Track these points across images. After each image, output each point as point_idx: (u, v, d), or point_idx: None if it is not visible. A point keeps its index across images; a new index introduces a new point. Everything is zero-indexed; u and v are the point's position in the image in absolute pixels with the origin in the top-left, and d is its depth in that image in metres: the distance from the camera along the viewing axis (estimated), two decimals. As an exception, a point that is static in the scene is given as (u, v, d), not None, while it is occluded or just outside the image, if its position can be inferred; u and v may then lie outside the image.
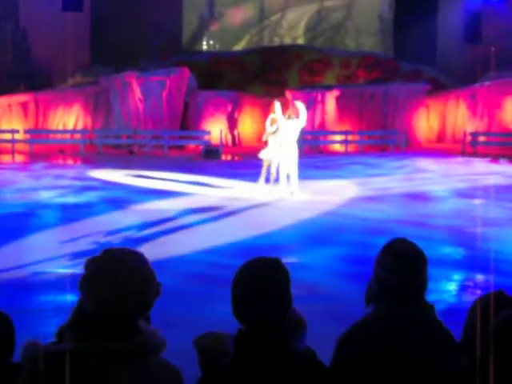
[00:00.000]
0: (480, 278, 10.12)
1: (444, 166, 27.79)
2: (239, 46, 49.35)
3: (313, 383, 2.92)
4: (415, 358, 3.04)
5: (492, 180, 22.61)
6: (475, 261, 10.94)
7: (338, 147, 35.22)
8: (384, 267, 3.21)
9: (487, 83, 36.45)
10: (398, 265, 3.17)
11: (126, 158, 30.66)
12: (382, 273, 3.21)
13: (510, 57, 39.53)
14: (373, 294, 3.26)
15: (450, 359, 3.06)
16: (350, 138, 35.45)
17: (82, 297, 2.61)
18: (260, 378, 2.81)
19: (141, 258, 2.69)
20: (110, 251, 2.69)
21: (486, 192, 19.53)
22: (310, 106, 35.45)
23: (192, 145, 34.85)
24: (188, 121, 35.82)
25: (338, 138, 35.75)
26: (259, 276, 2.92)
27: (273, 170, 18.08)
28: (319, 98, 35.64)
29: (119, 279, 2.56)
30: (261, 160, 19.15)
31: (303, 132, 34.27)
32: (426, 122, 38.14)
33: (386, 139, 35.59)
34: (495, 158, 30.56)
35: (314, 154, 32.27)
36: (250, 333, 2.88)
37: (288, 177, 17.49)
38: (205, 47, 50.97)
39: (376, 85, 38.48)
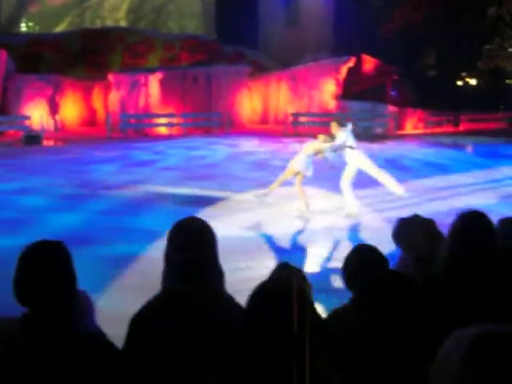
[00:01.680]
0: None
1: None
2: (60, 28, 48.05)
3: (100, 365, 2.92)
4: (198, 333, 3.09)
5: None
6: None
7: (163, 130, 35.12)
8: (171, 246, 3.26)
9: (306, 65, 37.63)
10: (184, 241, 3.23)
11: None
12: (169, 252, 3.26)
13: (325, 40, 41.09)
14: (164, 275, 3.30)
15: (233, 332, 3.03)
16: (174, 120, 35.53)
17: None
18: (45, 361, 2.80)
19: None
20: None
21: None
22: (134, 88, 35.15)
23: (11, 130, 33.53)
24: (7, 106, 34.40)
25: (163, 120, 35.65)
26: (37, 259, 2.89)
27: (298, 185, 14.22)
28: (142, 80, 35.33)
29: None
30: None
31: (128, 115, 34.13)
32: (249, 103, 38.78)
33: (210, 121, 35.87)
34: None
35: (139, 138, 32.06)
36: (33, 316, 2.85)
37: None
38: (24, 29, 49.20)
39: (199, 67, 38.62)
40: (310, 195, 14.63)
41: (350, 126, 14.21)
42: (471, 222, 3.81)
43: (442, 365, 1.67)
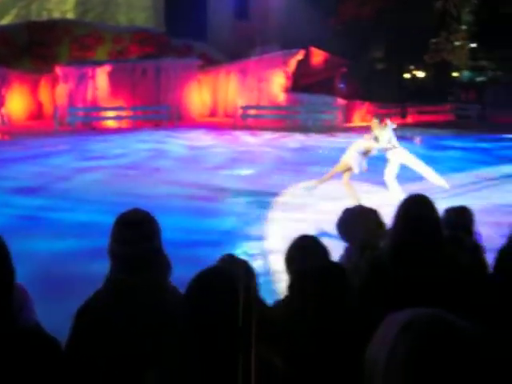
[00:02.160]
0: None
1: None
2: (6, 21, 47.14)
3: (41, 359, 2.85)
4: (143, 326, 3.11)
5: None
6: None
7: (111, 123, 34.77)
8: (115, 238, 3.26)
9: (255, 58, 37.66)
10: (127, 234, 3.22)
11: None
12: (113, 244, 3.26)
13: (274, 33, 41.15)
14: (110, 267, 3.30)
15: (178, 325, 3.09)
16: (123, 113, 35.23)
17: None
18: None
19: None
20: None
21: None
22: (82, 81, 34.77)
23: (-43, 124, 32.90)
24: (-49, 99, 33.76)
25: (112, 114, 35.30)
26: None
27: (346, 181, 14.16)
28: (90, 73, 34.93)
29: None
30: None
31: (75, 109, 33.74)
32: (198, 96, 38.65)
33: (159, 114, 35.65)
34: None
35: (88, 131, 31.71)
36: None
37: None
38: (-32, 21, 48.21)
39: (148, 60, 38.33)
40: (364, 191, 14.45)
41: (391, 125, 14.19)
42: (422, 209, 3.81)
43: (375, 350, 1.69)
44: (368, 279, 3.82)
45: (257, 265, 9.04)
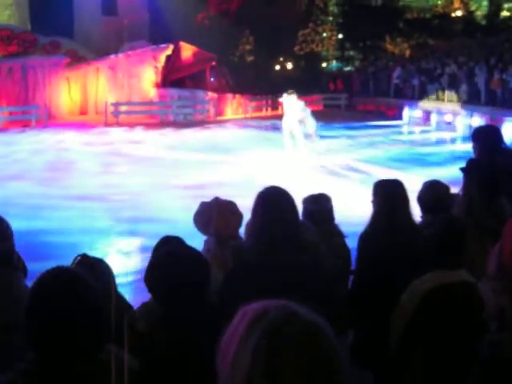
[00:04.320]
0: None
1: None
2: None
3: None
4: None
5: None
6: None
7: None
8: None
9: (125, 53, 37.39)
10: None
11: None
12: None
13: (143, 28, 40.97)
14: None
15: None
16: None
17: None
18: None
19: None
20: None
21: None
22: None
23: None
24: None
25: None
26: None
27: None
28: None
29: None
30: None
31: None
32: (67, 94, 37.88)
33: (27, 114, 34.70)
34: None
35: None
36: None
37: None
38: None
39: (14, 59, 37.26)
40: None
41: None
42: (280, 200, 3.81)
43: (226, 341, 1.71)
44: (235, 269, 3.95)
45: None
